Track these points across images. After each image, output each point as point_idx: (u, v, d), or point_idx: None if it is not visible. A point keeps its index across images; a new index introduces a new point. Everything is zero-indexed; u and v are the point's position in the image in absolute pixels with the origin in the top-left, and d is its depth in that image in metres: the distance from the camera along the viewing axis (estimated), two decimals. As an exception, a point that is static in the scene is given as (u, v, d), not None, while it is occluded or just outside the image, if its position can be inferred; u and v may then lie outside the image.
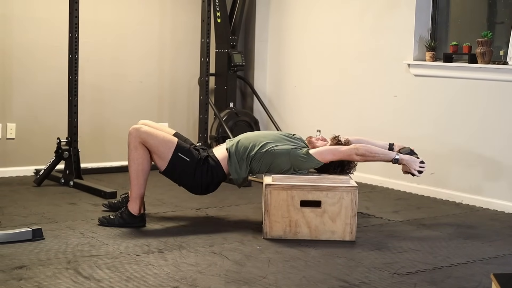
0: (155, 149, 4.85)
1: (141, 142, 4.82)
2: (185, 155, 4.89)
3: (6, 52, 6.48)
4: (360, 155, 4.91)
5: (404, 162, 5.00)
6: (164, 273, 3.89)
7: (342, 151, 4.93)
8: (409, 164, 5.00)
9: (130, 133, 4.86)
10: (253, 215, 5.36)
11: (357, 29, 6.80)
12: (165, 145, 4.87)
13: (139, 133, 4.83)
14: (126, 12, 7.12)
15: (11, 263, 3.95)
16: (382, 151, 5.02)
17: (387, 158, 5.00)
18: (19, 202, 5.52)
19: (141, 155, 4.84)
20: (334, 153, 4.94)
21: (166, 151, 4.86)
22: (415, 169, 5.00)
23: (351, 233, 4.67)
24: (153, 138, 4.84)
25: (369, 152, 4.94)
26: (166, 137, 4.91)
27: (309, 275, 3.93)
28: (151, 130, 4.88)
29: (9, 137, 6.54)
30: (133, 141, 4.84)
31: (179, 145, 4.90)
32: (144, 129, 4.85)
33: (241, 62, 7.48)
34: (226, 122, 7.23)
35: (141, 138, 4.82)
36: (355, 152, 4.91)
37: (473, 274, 4.06)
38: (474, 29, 6.15)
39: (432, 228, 5.15)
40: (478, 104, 5.92)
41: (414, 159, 5.03)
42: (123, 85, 7.14)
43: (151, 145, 4.83)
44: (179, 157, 4.88)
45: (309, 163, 4.91)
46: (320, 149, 4.95)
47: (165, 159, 4.87)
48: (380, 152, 4.99)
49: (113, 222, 4.86)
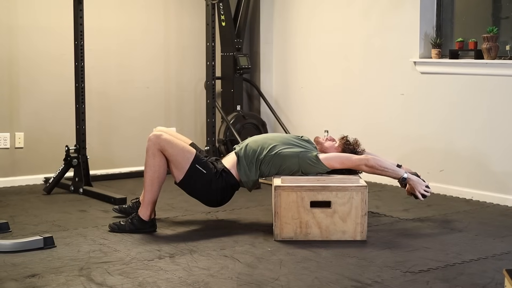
0: (173, 158, 4.84)
1: (159, 150, 4.81)
2: (202, 167, 4.89)
3: (12, 62, 6.49)
4: (370, 166, 4.90)
5: (411, 182, 5.01)
6: (176, 277, 3.89)
7: (352, 161, 4.92)
8: (416, 186, 5.00)
9: (149, 139, 4.85)
10: (263, 217, 5.36)
11: (362, 28, 6.80)
12: (183, 155, 4.85)
13: (159, 140, 4.82)
14: (130, 18, 7.12)
15: (24, 272, 3.96)
16: (392, 166, 5.00)
17: (395, 175, 5.00)
18: (30, 210, 5.53)
19: (158, 162, 4.83)
20: (343, 162, 4.93)
21: (184, 161, 4.85)
22: (420, 191, 5.01)
23: (362, 233, 4.67)
24: (172, 147, 4.83)
25: (379, 166, 4.92)
26: (185, 148, 4.90)
27: (321, 276, 3.93)
28: (171, 138, 4.87)
29: (18, 146, 6.55)
30: (152, 147, 4.83)
31: (197, 156, 4.90)
32: (164, 136, 4.83)
33: (247, 65, 7.48)
34: (234, 125, 7.23)
35: (160, 145, 4.81)
36: (365, 163, 4.89)
37: (485, 270, 4.05)
38: (479, 25, 6.15)
39: (443, 225, 5.14)
40: (486, 100, 5.91)
41: (421, 182, 5.04)
42: (129, 91, 7.14)
43: (169, 154, 4.82)
44: (197, 169, 4.87)
45: (317, 168, 4.91)
46: (330, 156, 4.94)
47: (182, 169, 4.86)
48: (390, 168, 4.97)
49: (124, 228, 4.86)
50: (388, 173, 4.98)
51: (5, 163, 6.51)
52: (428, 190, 5.05)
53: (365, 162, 4.90)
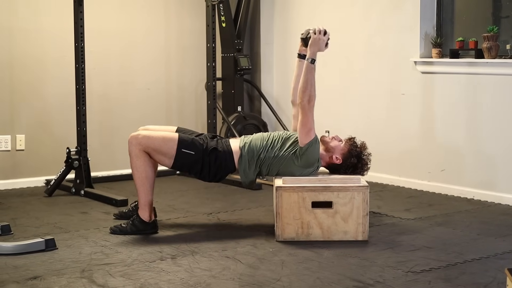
0: (158, 151, 4.83)
1: (141, 150, 4.81)
2: (189, 149, 4.85)
3: (13, 64, 6.50)
4: (307, 98, 4.78)
5: (312, 49, 4.85)
6: (178, 279, 3.89)
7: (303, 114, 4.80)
8: (319, 47, 4.86)
9: (129, 142, 4.85)
10: (264, 218, 5.35)
11: (362, 28, 6.80)
12: (166, 144, 4.84)
13: (138, 140, 4.82)
14: (131, 20, 7.13)
15: (25, 274, 3.96)
16: (304, 75, 4.83)
17: (311, 71, 4.82)
18: (31, 213, 5.53)
19: (143, 162, 4.83)
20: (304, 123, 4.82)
21: (169, 149, 4.84)
22: (324, 42, 4.86)
23: (364, 233, 4.67)
24: (153, 141, 4.83)
25: (305, 89, 4.78)
26: (167, 136, 4.88)
27: (323, 276, 3.93)
28: (149, 133, 4.87)
29: (19, 149, 6.55)
30: (133, 149, 4.83)
31: (180, 140, 4.86)
32: (142, 134, 4.84)
33: (248, 66, 7.49)
34: (235, 126, 7.23)
35: (142, 144, 4.81)
36: (304, 103, 4.77)
37: (487, 269, 4.05)
38: (479, 24, 6.15)
39: (445, 225, 5.13)
40: (487, 99, 5.90)
41: (318, 43, 4.85)
42: (130, 93, 7.15)
43: (153, 148, 4.82)
44: (183, 153, 4.84)
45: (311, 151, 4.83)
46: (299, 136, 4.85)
47: (170, 157, 4.85)
48: (306, 77, 4.81)
49: (125, 230, 4.86)
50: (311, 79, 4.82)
51: (6, 165, 6.51)
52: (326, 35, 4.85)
53: (303, 102, 4.78)
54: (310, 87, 4.81)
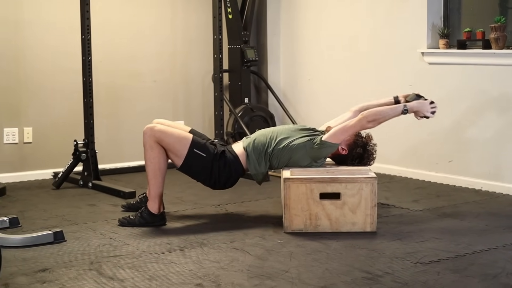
0: (170, 147, 4.84)
1: (156, 141, 4.82)
2: (201, 151, 4.87)
3: (19, 57, 6.50)
4: (371, 121, 4.83)
5: (415, 109, 4.94)
6: (186, 270, 3.90)
7: (353, 125, 4.86)
8: (420, 109, 4.95)
9: (144, 133, 4.86)
10: (273, 209, 5.35)
11: (369, 19, 6.78)
12: (180, 142, 4.85)
13: (154, 132, 4.83)
14: (137, 11, 7.12)
15: (34, 266, 3.97)
16: (389, 108, 4.93)
17: (397, 113, 4.90)
18: (39, 205, 5.54)
19: (157, 154, 4.84)
20: (346, 129, 4.87)
21: (182, 148, 4.85)
22: (427, 111, 4.95)
23: (372, 224, 4.66)
24: (167, 136, 4.83)
25: (378, 115, 4.85)
26: (181, 134, 4.90)
27: (331, 268, 3.92)
28: (165, 128, 4.87)
29: (26, 141, 6.56)
30: (148, 140, 4.84)
31: (194, 141, 4.89)
32: (158, 127, 4.85)
33: (254, 57, 7.48)
34: (242, 117, 7.23)
35: (156, 137, 4.82)
36: (365, 121, 4.82)
37: (496, 260, 4.05)
38: (487, 15, 6.12)
39: (453, 216, 5.13)
40: (494, 90, 5.89)
41: (423, 103, 4.96)
42: (137, 85, 7.15)
43: (166, 143, 4.83)
44: (195, 153, 4.86)
45: (326, 149, 4.88)
46: (331, 132, 4.89)
47: (181, 156, 4.86)
48: (388, 110, 4.90)
49: (134, 222, 4.87)
50: (390, 115, 4.90)
51: (14, 158, 6.52)
52: (434, 106, 4.97)
53: (365, 120, 4.82)
54: (381, 119, 4.88)
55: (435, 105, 4.98)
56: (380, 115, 4.86)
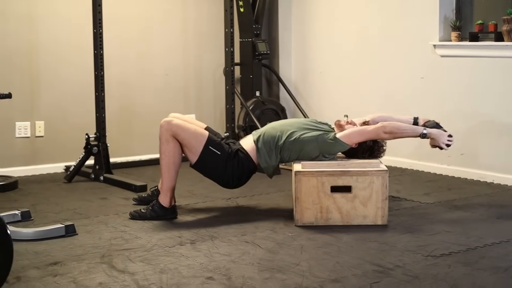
0: (186, 142, 4.85)
1: (172, 135, 4.82)
2: (216, 148, 4.88)
3: (32, 52, 6.52)
4: (388, 132, 4.86)
5: (433, 136, 4.95)
6: (197, 264, 3.90)
7: (369, 131, 4.90)
8: (438, 138, 4.95)
9: (161, 126, 4.86)
10: (283, 203, 5.35)
11: (381, 12, 6.76)
12: (196, 138, 4.86)
13: (171, 126, 4.83)
14: (149, 5, 7.13)
15: (46, 260, 3.99)
16: (409, 126, 4.97)
17: (415, 134, 4.94)
18: (51, 199, 5.56)
19: (173, 148, 4.84)
20: (362, 133, 4.90)
21: (197, 144, 4.86)
22: (443, 142, 4.96)
23: (383, 217, 4.66)
24: (184, 131, 4.84)
25: (397, 129, 4.88)
26: (198, 131, 4.91)
27: (342, 261, 3.92)
28: (182, 123, 4.87)
29: (38, 135, 6.58)
30: (164, 134, 4.84)
31: (210, 138, 4.90)
32: (175, 122, 4.85)
33: (266, 51, 7.47)
34: (253, 111, 7.22)
35: (172, 131, 4.82)
36: (382, 131, 4.86)
37: (507, 253, 4.04)
38: (499, 7, 6.09)
39: (464, 209, 5.11)
40: (506, 82, 5.86)
41: (442, 133, 4.98)
42: (148, 79, 7.15)
43: (182, 138, 4.83)
44: (210, 151, 4.87)
45: (337, 147, 4.89)
46: (347, 132, 4.92)
47: (196, 152, 4.87)
48: (408, 128, 4.94)
49: (145, 216, 4.88)
50: (408, 134, 4.94)
51: (26, 152, 6.54)
52: (451, 139, 4.99)
53: (383, 130, 4.85)
54: (398, 135, 4.94)
55: (452, 139, 4.99)
56: (399, 130, 4.89)
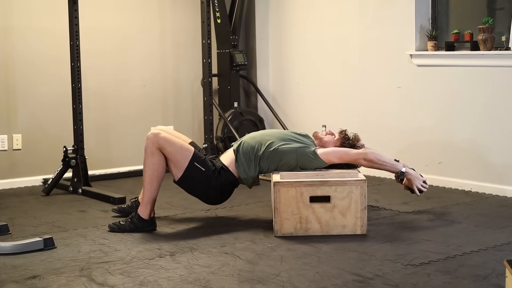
0: (171, 157, 4.84)
1: (158, 148, 4.81)
2: (200, 164, 4.89)
3: (8, 64, 6.49)
4: (368, 160, 4.89)
5: (409, 176, 5.01)
6: (177, 275, 3.89)
7: (350, 155, 4.91)
8: (414, 180, 5.01)
9: (148, 138, 4.85)
10: (263, 213, 5.35)
11: (357, 22, 6.79)
12: (182, 153, 4.86)
13: (157, 138, 4.82)
14: (125, 17, 7.12)
15: (24, 274, 3.96)
16: (390, 160, 5.00)
17: (394, 169, 4.99)
18: (29, 212, 5.53)
19: (157, 161, 4.83)
20: (341, 156, 4.92)
21: (183, 159, 4.85)
22: (417, 186, 5.01)
23: (362, 227, 4.67)
24: (170, 145, 4.83)
25: (378, 160, 4.91)
26: (184, 146, 4.91)
27: (322, 271, 3.93)
28: (169, 137, 4.87)
29: (16, 148, 6.55)
30: (150, 146, 4.83)
31: (195, 154, 4.90)
32: (162, 135, 4.83)
33: (243, 61, 7.48)
34: (231, 122, 7.22)
35: (159, 144, 4.81)
36: (363, 157, 4.88)
37: (486, 261, 4.05)
38: (474, 16, 6.14)
39: (443, 217, 5.14)
40: (483, 91, 5.91)
41: (419, 176, 5.05)
42: (126, 90, 7.14)
43: (168, 152, 4.82)
44: (195, 167, 4.87)
45: (315, 163, 4.90)
46: (328, 151, 4.93)
47: (180, 167, 4.86)
48: (388, 162, 4.97)
49: (124, 228, 4.86)
50: (386, 167, 4.98)
51: (3, 165, 6.50)
52: (425, 186, 5.04)
53: (364, 156, 4.89)
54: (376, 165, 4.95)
55: (427, 186, 5.07)
56: (379, 162, 4.93)
